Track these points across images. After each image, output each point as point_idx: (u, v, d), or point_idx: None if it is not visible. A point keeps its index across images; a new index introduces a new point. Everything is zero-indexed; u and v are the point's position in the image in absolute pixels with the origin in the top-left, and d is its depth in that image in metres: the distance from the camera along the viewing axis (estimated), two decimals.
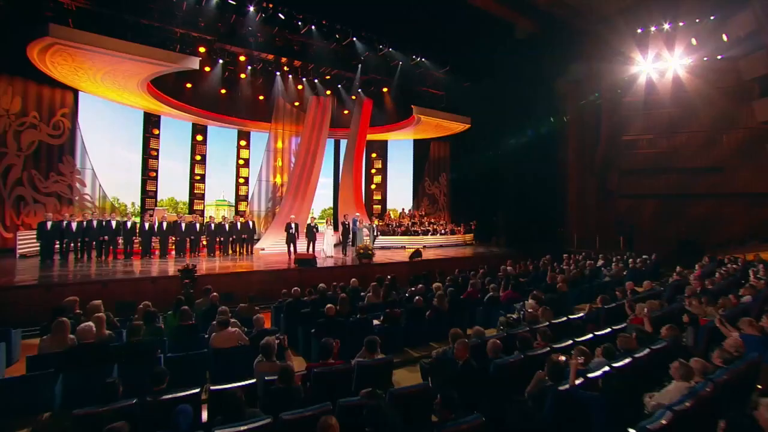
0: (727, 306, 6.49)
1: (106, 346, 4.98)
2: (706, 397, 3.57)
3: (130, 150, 15.61)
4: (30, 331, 6.79)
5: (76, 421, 3.21)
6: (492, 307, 7.52)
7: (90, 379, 4.61)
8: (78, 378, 4.62)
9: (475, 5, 15.09)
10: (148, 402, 3.48)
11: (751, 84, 15.04)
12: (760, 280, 8.47)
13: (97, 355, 4.81)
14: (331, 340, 4.50)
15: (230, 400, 3.40)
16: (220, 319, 5.54)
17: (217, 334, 5.41)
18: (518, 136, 18.84)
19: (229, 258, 12.67)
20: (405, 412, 3.43)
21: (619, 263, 11.84)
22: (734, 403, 3.42)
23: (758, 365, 4.38)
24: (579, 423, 3.58)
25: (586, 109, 18.32)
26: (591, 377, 3.93)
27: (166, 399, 3.56)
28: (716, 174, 16.15)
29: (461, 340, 4.39)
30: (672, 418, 3.23)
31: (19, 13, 11.62)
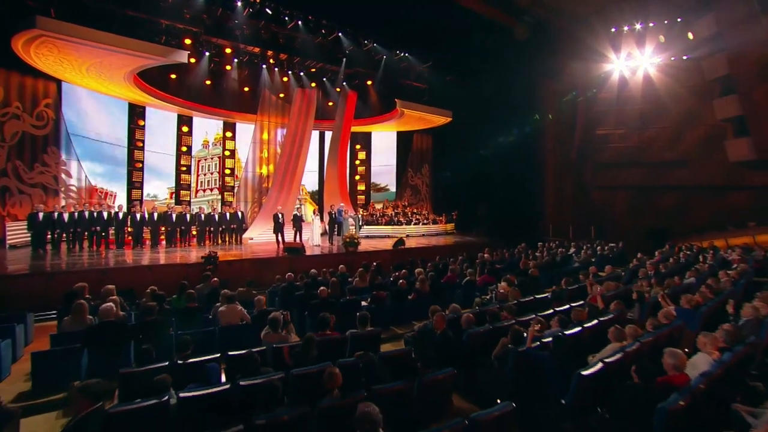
0: (671, 286, 7.41)
1: (125, 324, 5.53)
2: (633, 354, 4.41)
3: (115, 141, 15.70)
4: (38, 316, 7.25)
5: (122, 378, 3.80)
6: (469, 289, 8.27)
7: (111, 353, 5.22)
8: (100, 352, 5.19)
9: (459, 3, 15.65)
10: (179, 364, 4.09)
11: (713, 84, 16.04)
12: (705, 264, 9.47)
13: (117, 332, 5.37)
14: (328, 314, 5.16)
15: (249, 360, 4.04)
16: (228, 295, 6.15)
17: (224, 309, 6.00)
18: (499, 130, 19.57)
19: (219, 247, 13.11)
20: (392, 369, 4.14)
21: (588, 251, 12.81)
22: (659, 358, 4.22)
23: (682, 330, 5.26)
24: (534, 376, 4.36)
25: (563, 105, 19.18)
26: (544, 341, 4.72)
27: (194, 362, 4.18)
28: (682, 167, 17.20)
29: (439, 313, 5.12)
30: (602, 368, 4.06)
31: (2, 2, 11.59)
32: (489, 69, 17.63)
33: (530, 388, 4.36)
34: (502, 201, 19.68)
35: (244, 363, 4.17)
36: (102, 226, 11.64)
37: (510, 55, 16.94)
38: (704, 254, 11.17)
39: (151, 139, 16.45)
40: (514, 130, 19.85)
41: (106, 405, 3.30)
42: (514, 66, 17.30)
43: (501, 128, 19.48)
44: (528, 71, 17.97)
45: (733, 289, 7.29)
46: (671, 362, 3.95)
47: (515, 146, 19.72)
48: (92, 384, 3.25)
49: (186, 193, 17.30)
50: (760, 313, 5.50)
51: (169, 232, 12.57)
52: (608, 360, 4.31)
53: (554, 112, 19.53)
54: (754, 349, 4.72)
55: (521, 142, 19.84)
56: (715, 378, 3.93)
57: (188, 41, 14.48)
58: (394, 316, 7.20)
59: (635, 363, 4.01)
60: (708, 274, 8.39)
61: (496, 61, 17.14)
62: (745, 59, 14.71)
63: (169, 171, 17.19)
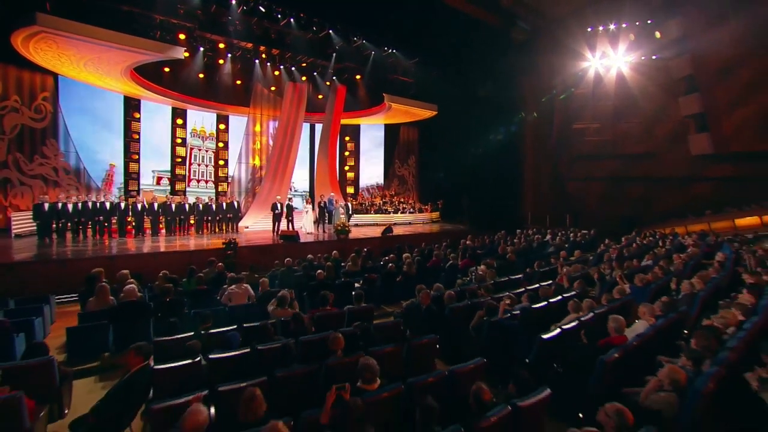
0: (630, 267, 8.38)
1: (146, 303, 6.23)
2: (587, 322, 5.32)
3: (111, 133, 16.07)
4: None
5: (157, 345, 4.53)
6: (452, 272, 9.13)
7: (134, 329, 5.93)
8: (124, 327, 5.90)
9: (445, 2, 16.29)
10: (202, 334, 4.83)
11: (679, 82, 17.08)
12: (663, 248, 10.50)
13: (139, 311, 6.08)
14: (327, 292, 5.95)
15: (262, 329, 4.82)
16: (237, 277, 6.89)
17: (232, 289, 6.74)
18: (482, 124, 20.34)
19: (217, 235, 13.74)
20: (384, 336, 4.96)
21: (562, 237, 13.80)
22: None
23: (631, 304, 6.18)
24: (503, 341, 5.23)
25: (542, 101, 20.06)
26: (514, 313, 5.59)
27: (215, 332, 4.94)
28: (650, 160, 18.31)
29: (425, 291, 5.96)
30: (559, 333, 4.95)
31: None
32: (473, 65, 18.38)
33: (500, 350, 5.23)
34: (485, 191, 20.56)
35: (259, 332, 4.95)
36: (105, 215, 12.16)
37: (492, 52, 17.70)
38: (665, 240, 12.24)
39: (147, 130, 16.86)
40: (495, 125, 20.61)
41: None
42: (496, 62, 18.07)
43: (484, 122, 20.24)
44: (509, 68, 18.75)
45: (682, 270, 8.28)
46: (613, 326, 4.87)
47: (497, 139, 20.55)
48: (143, 345, 4.00)
49: (182, 184, 17.78)
50: (695, 288, 6.48)
51: (168, 222, 13.12)
52: (565, 327, 5.22)
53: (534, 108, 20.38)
54: (685, 316, 5.68)
55: (502, 136, 20.69)
56: (647, 338, 4.87)
57: (182, 36, 14.82)
58: (384, 296, 8.02)
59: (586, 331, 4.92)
60: (663, 257, 9.41)
61: (480, 57, 17.89)
62: (707, 61, 15.81)
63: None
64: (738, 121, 15.52)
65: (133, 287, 6.16)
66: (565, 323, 5.27)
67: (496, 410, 3.23)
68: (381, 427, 3.29)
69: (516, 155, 21.47)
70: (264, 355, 4.46)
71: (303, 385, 4.05)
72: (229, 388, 3.64)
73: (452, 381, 3.95)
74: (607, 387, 4.15)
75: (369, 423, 3.14)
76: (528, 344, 5.01)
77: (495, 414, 3.19)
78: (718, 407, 3.61)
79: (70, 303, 8.38)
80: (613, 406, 2.89)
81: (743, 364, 4.17)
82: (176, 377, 4.08)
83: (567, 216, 18.95)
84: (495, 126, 20.64)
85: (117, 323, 5.91)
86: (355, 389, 3.50)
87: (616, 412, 2.85)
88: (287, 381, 3.98)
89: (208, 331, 4.92)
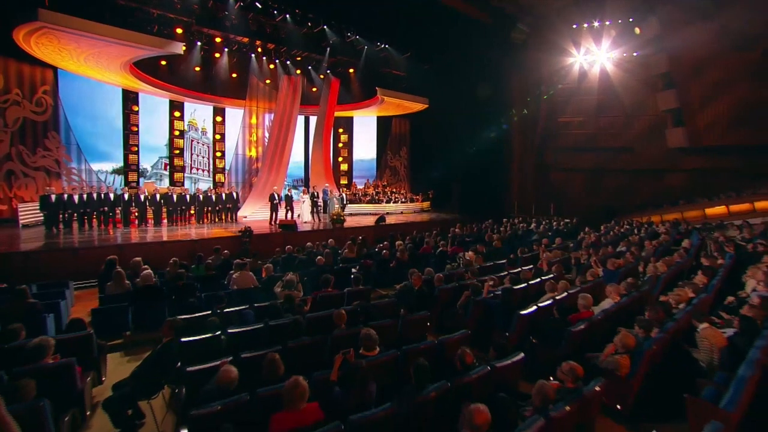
0: (605, 253, 9.13)
1: (161, 287, 6.81)
2: (561, 301, 6.02)
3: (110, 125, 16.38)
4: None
5: (185, 321, 5.13)
6: (441, 258, 9.81)
7: (152, 310, 6.52)
8: (143, 309, 6.48)
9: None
10: (218, 312, 5.44)
11: (657, 78, 17.86)
12: (637, 236, 11.30)
13: (156, 293, 6.66)
14: (329, 275, 6.59)
15: (272, 308, 5.45)
16: (241, 263, 7.49)
17: (238, 274, 7.33)
18: (471, 117, 20.91)
19: (216, 225, 14.26)
20: (381, 313, 5.62)
21: (546, 226, 14.57)
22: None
23: (602, 285, 6.91)
24: (486, 317, 5.93)
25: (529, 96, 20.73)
26: (497, 293, 6.29)
27: (231, 311, 5.56)
28: (629, 152, 19.16)
29: (417, 274, 6.63)
30: (534, 309, 5.65)
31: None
32: (463, 60, 18.91)
33: (483, 324, 5.94)
34: (473, 181, 21.23)
35: (270, 311, 5.58)
36: (109, 206, 12.61)
37: (482, 48, 18.23)
38: (640, 228, 13.07)
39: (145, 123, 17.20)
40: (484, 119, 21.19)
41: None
42: (485, 58, 18.62)
43: (473, 115, 20.76)
44: (498, 63, 19.32)
45: (652, 255, 9.05)
46: (582, 302, 5.59)
47: (485, 132, 21.17)
48: (176, 320, 4.62)
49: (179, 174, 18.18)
50: (659, 271, 7.24)
51: (170, 212, 13.60)
52: (541, 305, 5.93)
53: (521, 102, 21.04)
54: (646, 295, 6.42)
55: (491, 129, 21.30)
56: (610, 313, 5.60)
57: (179, 30, 15.10)
58: (379, 280, 8.67)
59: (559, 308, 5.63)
60: (636, 243, 10.20)
61: (470, 53, 18.42)
62: (683, 59, 16.60)
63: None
64: (710, 117, 16.42)
65: (150, 273, 6.75)
66: (542, 301, 5.98)
67: (477, 370, 3.91)
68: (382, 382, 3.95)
69: (503, 147, 22.17)
70: (276, 329, 5.10)
71: (312, 353, 4.69)
72: (251, 355, 4.27)
73: (441, 348, 4.62)
74: (574, 353, 4.84)
75: (371, 380, 3.81)
76: (508, 319, 5.71)
77: (476, 372, 3.88)
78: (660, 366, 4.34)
79: (83, 288, 8.93)
80: (568, 365, 3.60)
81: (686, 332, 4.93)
82: (200, 348, 4.69)
83: (551, 205, 19.78)
84: (484, 119, 21.23)
85: (136, 305, 6.49)
86: (358, 355, 4.14)
87: (570, 368, 3.56)
88: (298, 350, 4.61)
89: (223, 309, 5.54)
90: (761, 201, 14.93)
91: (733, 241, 10.35)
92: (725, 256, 8.32)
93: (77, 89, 15.31)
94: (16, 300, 5.45)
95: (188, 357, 4.45)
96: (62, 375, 3.92)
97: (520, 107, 21.07)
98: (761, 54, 15.30)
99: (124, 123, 16.52)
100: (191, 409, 3.21)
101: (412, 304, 5.99)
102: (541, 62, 19.63)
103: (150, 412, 4.20)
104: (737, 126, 15.94)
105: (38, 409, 3.11)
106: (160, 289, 6.78)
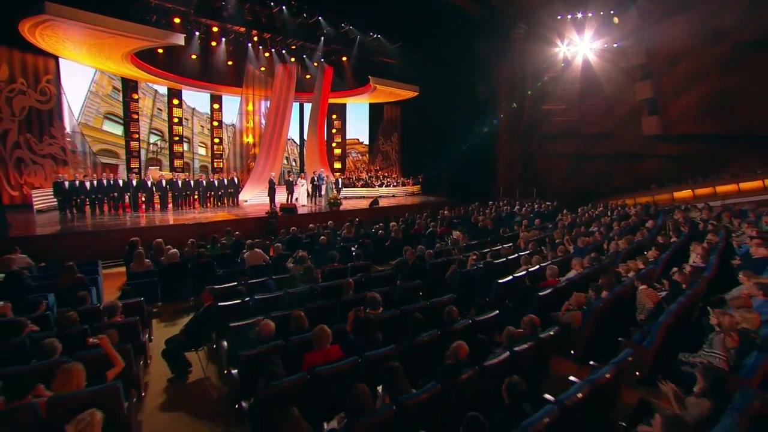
0: (577, 233, 10.24)
1: (185, 265, 7.73)
2: (533, 272, 7.10)
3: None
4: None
5: (214, 292, 6.08)
6: (432, 238, 10.85)
7: (177, 284, 7.46)
8: (169, 282, 7.41)
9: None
10: (243, 283, 6.40)
11: (635, 69, 18.88)
12: (608, 218, 12.45)
13: (181, 270, 7.58)
14: (335, 252, 7.58)
15: (290, 278, 6.43)
16: (252, 243, 8.42)
17: (249, 253, 8.27)
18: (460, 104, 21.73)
19: (219, 209, 15.07)
20: (381, 282, 6.64)
21: (528, 208, 15.68)
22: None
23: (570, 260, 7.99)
24: (470, 286, 6.98)
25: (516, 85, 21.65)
26: (479, 266, 7.34)
27: (254, 282, 6.52)
28: (609, 139, 20.30)
29: (410, 250, 7.64)
30: (511, 279, 6.70)
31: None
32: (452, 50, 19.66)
33: (467, 291, 6.99)
34: (461, 166, 22.16)
35: (287, 282, 6.57)
36: (119, 192, 13.33)
37: (470, 37, 18.99)
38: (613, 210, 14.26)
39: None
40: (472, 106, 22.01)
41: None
42: (473, 47, 19.37)
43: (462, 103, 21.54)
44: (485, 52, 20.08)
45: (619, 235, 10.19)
46: (549, 273, 6.67)
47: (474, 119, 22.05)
48: (215, 288, 5.57)
49: (180, 162, 18.84)
50: (620, 248, 8.35)
51: (176, 197, 14.37)
52: (516, 275, 6.99)
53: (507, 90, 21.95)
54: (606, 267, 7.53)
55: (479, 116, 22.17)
56: (574, 281, 6.68)
57: (177, 20, 15.58)
58: (375, 257, 9.66)
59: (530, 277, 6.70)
60: (607, 224, 11.34)
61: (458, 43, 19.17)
62: (658, 51, 17.62)
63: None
64: (682, 107, 17.57)
65: (176, 252, 7.66)
66: (517, 273, 7.05)
67: (461, 322, 4.96)
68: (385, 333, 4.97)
69: (490, 133, 23.12)
70: (295, 295, 6.09)
71: (326, 314, 5.68)
72: (278, 314, 5.24)
73: (432, 307, 5.65)
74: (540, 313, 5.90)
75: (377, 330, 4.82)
76: (488, 287, 6.77)
77: (460, 324, 4.92)
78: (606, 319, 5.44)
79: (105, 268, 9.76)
80: (528, 317, 4.65)
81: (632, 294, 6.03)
82: (233, 311, 5.67)
83: (534, 189, 20.92)
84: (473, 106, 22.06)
85: (164, 280, 7.42)
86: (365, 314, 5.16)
87: (530, 320, 4.61)
88: (316, 311, 5.60)
89: (247, 281, 6.51)
90: (721, 185, 16.28)
91: (692, 221, 11.59)
92: (680, 235, 9.48)
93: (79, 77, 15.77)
94: (67, 275, 6.32)
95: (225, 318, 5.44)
96: (131, 329, 4.86)
97: (507, 96, 21.96)
98: (730, 48, 16.35)
99: (125, 111, 17.06)
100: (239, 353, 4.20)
101: (407, 276, 7.02)
102: (528, 52, 20.49)
103: (197, 360, 5.19)
104: (706, 116, 17.10)
105: (125, 351, 4.06)
106: (185, 265, 7.70)
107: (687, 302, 4.94)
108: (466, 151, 21.80)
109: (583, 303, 5.33)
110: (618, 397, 3.81)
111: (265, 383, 3.35)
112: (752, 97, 15.90)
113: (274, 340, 4.43)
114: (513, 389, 3.00)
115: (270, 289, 6.37)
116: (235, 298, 5.84)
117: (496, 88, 22.01)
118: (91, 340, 3.64)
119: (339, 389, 3.47)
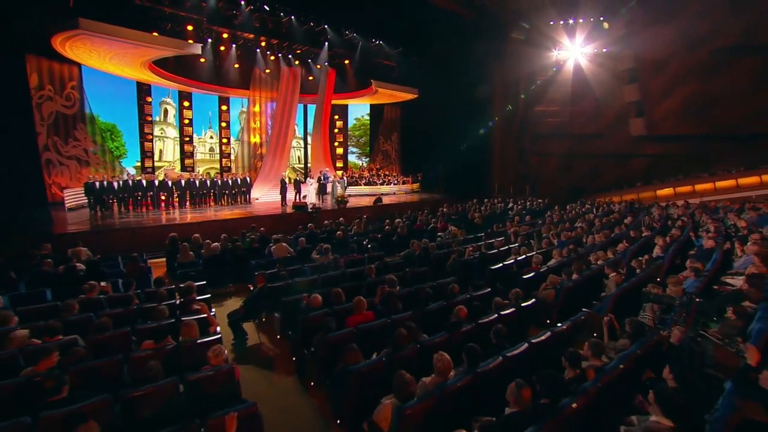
0: (562, 229, 11.57)
1: (224, 255, 8.97)
2: (521, 261, 8.44)
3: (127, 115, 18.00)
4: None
5: (265, 275, 7.32)
6: (433, 232, 12.15)
7: (219, 272, 8.71)
8: (212, 271, 8.66)
9: None
10: (282, 269, 7.66)
11: (624, 73, 20.18)
12: (592, 214, 13.80)
13: (221, 260, 8.84)
14: (354, 245, 8.87)
15: (321, 266, 7.72)
16: (276, 238, 9.67)
17: (275, 246, 9.52)
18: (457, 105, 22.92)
19: (233, 207, 16.21)
20: (395, 268, 7.95)
21: (521, 205, 17.02)
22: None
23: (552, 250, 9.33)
24: (467, 272, 8.30)
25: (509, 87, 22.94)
26: (474, 256, 8.66)
27: (292, 269, 7.79)
28: (598, 139, 21.63)
29: (416, 243, 8.96)
30: (502, 266, 8.03)
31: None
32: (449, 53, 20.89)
33: (465, 276, 8.31)
34: (459, 164, 23.38)
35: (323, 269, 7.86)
36: (142, 191, 14.48)
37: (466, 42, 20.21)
38: (598, 207, 15.62)
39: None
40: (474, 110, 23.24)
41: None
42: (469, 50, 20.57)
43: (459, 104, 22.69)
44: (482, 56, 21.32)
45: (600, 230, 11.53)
46: (534, 261, 7.98)
47: (470, 119, 23.33)
48: (265, 272, 6.83)
49: (189, 160, 19.96)
50: (596, 240, 9.71)
51: (193, 195, 15.54)
52: (506, 263, 8.33)
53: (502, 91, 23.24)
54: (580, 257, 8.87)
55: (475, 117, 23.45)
56: (552, 267, 8.01)
57: (190, 27, 16.62)
58: (384, 250, 10.89)
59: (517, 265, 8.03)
60: (590, 221, 12.70)
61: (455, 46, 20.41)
62: (645, 57, 18.98)
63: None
64: (665, 109, 18.96)
65: (217, 245, 8.91)
66: (507, 261, 8.38)
67: (462, 296, 6.27)
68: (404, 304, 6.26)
69: (486, 133, 24.42)
70: (327, 279, 7.38)
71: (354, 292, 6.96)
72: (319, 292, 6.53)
73: (438, 287, 6.95)
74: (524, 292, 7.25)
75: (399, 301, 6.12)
76: (483, 273, 8.09)
77: (461, 297, 6.23)
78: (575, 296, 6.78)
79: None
80: (514, 291, 5.97)
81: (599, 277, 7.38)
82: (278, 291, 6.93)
83: (527, 187, 22.30)
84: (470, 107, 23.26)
85: (207, 268, 8.67)
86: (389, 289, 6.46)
87: (515, 293, 5.93)
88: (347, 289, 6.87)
89: (286, 268, 7.79)
90: (700, 184, 17.74)
91: (667, 217, 13.01)
92: (652, 230, 10.85)
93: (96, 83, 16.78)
94: (132, 264, 7.56)
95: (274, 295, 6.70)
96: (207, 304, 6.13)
97: (502, 98, 23.26)
98: (707, 54, 17.75)
99: (139, 113, 18.14)
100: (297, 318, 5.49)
101: (415, 264, 8.34)
102: (522, 56, 21.75)
103: (254, 329, 6.49)
104: (686, 118, 18.52)
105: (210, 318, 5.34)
106: (223, 257, 8.96)
107: (637, 282, 6.30)
108: (463, 151, 23.03)
109: (557, 283, 6.66)
110: (574, 344, 5.16)
111: (323, 335, 4.65)
112: (729, 100, 17.34)
113: (322, 309, 5.73)
114: (498, 333, 4.34)
115: (306, 274, 7.66)
116: (279, 281, 7.12)
117: (491, 91, 23.24)
118: (194, 307, 4.92)
119: (374, 340, 4.78)
